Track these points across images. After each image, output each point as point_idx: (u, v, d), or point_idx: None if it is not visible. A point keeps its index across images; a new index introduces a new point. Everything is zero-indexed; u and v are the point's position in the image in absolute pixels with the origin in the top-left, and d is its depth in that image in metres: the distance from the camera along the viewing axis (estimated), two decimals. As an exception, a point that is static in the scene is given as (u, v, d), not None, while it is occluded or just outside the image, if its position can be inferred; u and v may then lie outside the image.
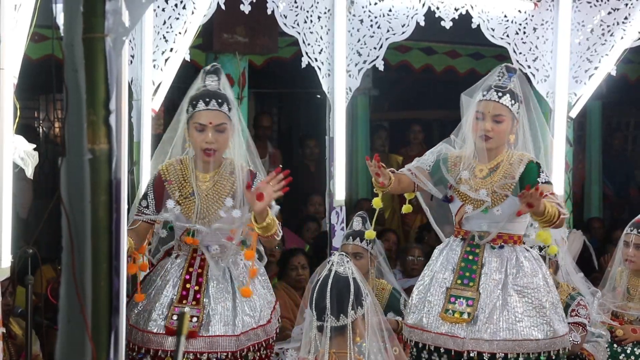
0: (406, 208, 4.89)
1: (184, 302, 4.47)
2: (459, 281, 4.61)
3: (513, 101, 4.61)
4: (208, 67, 4.61)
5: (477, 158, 4.69)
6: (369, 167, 4.58)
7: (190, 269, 4.53)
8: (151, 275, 4.66)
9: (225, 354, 4.43)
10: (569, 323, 5.15)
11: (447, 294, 4.59)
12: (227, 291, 4.52)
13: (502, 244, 4.65)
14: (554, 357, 4.58)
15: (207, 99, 4.46)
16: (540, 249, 5.10)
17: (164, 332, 4.43)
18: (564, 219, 4.52)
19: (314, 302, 3.63)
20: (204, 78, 4.53)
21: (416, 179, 4.73)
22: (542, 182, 4.55)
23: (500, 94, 4.61)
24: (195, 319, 4.41)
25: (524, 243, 4.75)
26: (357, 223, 5.58)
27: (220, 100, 4.46)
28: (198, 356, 4.41)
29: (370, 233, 5.08)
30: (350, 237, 5.58)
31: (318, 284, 3.64)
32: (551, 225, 4.50)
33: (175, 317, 4.42)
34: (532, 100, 4.78)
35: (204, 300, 4.47)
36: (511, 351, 4.51)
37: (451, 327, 4.55)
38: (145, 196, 4.59)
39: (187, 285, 4.50)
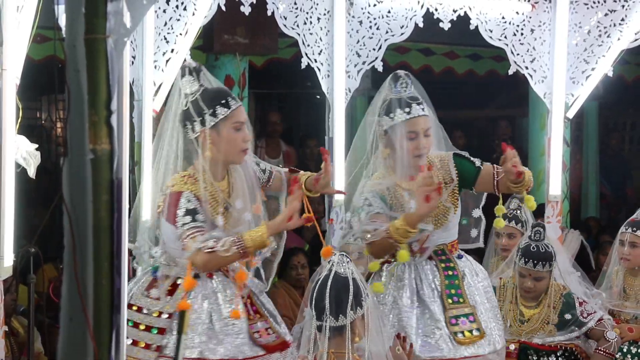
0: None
1: (257, 316, 4.11)
2: (449, 300, 4.37)
3: (426, 107, 4.31)
4: (193, 65, 3.99)
5: (402, 177, 4.33)
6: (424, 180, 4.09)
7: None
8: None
9: None
10: (589, 329, 5.18)
11: (446, 316, 4.34)
12: (265, 306, 4.21)
13: (460, 253, 4.49)
14: None
15: (229, 97, 3.96)
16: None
17: (264, 353, 4.03)
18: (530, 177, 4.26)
19: (313, 301, 3.61)
20: (198, 78, 3.95)
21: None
22: (479, 164, 4.34)
23: (421, 105, 4.24)
24: (271, 331, 4.10)
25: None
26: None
27: (235, 96, 4.06)
28: None
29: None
30: None
31: (318, 284, 3.63)
32: (525, 187, 4.26)
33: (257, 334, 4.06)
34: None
35: (264, 311, 4.14)
36: None
37: (471, 348, 4.31)
38: (194, 213, 3.86)
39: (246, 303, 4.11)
